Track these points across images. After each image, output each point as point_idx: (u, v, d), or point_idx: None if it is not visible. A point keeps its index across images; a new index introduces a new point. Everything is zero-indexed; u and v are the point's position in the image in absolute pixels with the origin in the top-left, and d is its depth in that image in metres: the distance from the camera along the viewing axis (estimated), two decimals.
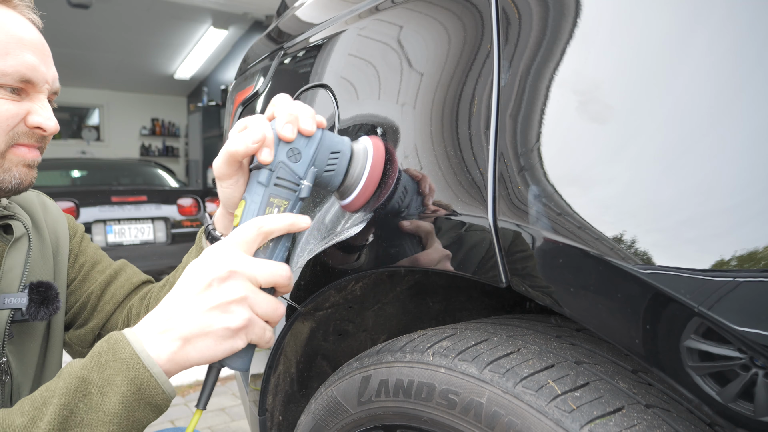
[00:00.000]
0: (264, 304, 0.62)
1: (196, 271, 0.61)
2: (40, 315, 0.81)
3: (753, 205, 0.40)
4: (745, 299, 0.40)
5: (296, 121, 0.65)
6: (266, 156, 0.63)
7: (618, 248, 0.47)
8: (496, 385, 0.56)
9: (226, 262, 0.60)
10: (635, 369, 0.59)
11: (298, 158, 0.64)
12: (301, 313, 0.88)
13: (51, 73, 0.81)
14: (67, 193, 4.52)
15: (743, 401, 0.41)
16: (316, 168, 0.66)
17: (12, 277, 0.83)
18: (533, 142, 0.55)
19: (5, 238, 0.85)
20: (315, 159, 0.65)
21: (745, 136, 0.42)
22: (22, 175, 0.78)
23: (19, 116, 0.76)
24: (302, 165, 0.65)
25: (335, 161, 0.67)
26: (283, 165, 0.64)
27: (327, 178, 0.68)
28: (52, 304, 0.82)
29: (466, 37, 0.66)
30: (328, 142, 0.67)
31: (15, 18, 0.77)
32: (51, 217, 0.97)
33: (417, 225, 0.67)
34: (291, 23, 1.13)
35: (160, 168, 6.08)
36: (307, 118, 0.65)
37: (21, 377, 0.83)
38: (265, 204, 0.64)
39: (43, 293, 0.82)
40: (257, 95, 1.15)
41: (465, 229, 0.61)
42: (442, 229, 0.64)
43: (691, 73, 0.46)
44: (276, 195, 0.64)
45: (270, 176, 0.64)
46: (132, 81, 10.45)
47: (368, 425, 0.72)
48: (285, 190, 0.64)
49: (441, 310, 0.98)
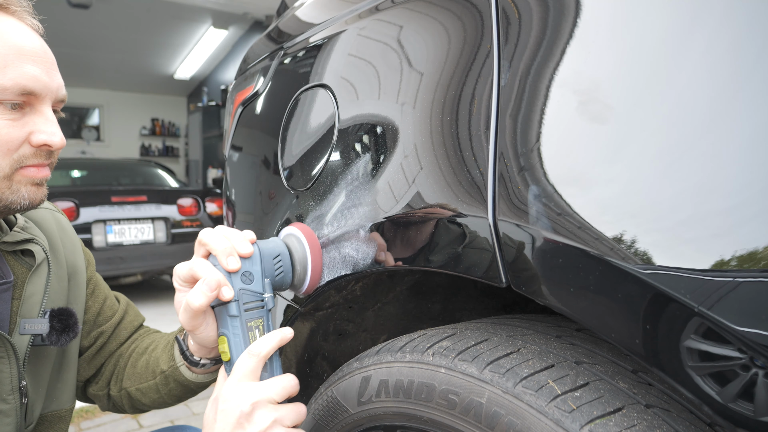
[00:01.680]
0: (291, 416, 0.66)
1: (222, 415, 0.64)
2: (61, 341, 0.82)
3: (752, 205, 0.40)
4: (745, 299, 0.40)
5: (233, 249, 0.69)
6: (227, 293, 0.67)
7: (618, 248, 0.47)
8: (496, 385, 0.56)
9: (245, 397, 0.64)
10: (635, 369, 0.59)
11: (252, 279, 0.70)
12: (301, 313, 0.88)
13: (55, 81, 0.77)
14: (67, 193, 4.51)
15: (743, 401, 0.41)
16: (269, 277, 0.72)
17: (33, 303, 0.83)
18: (533, 142, 0.55)
19: (26, 262, 0.85)
20: (264, 271, 0.72)
21: (744, 136, 0.42)
22: (32, 195, 0.76)
23: (20, 139, 0.73)
24: (258, 282, 0.71)
25: (280, 263, 0.74)
26: (244, 291, 0.69)
27: (280, 280, 0.74)
28: (72, 330, 0.84)
29: (466, 37, 0.66)
30: (266, 251, 0.73)
31: (14, 25, 0.73)
32: (68, 240, 0.96)
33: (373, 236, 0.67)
34: (291, 23, 1.13)
35: (160, 168, 6.07)
36: (240, 242, 0.71)
37: (34, 396, 0.85)
38: (246, 330, 0.69)
39: (64, 321, 0.83)
40: (257, 95, 1.15)
41: (465, 229, 0.61)
42: (442, 230, 0.64)
43: (691, 73, 0.46)
44: (250, 318, 0.69)
45: (238, 306, 0.69)
46: (132, 81, 10.45)
47: (368, 425, 0.72)
48: (255, 311, 0.70)
49: (441, 310, 0.98)
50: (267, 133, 1.07)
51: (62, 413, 0.92)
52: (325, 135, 0.86)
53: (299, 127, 0.95)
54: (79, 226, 4.34)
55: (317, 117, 0.90)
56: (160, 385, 0.91)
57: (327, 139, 0.86)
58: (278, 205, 0.99)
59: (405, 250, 0.69)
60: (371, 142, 0.77)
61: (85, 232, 4.36)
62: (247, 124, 1.20)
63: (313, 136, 0.90)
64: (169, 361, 0.89)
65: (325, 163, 0.85)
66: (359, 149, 0.79)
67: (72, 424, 2.57)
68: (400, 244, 0.70)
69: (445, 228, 0.64)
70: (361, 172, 0.77)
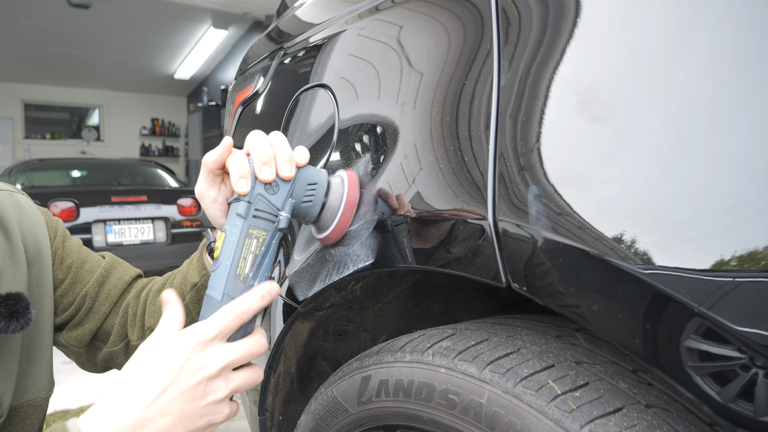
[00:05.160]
0: (244, 385, 0.65)
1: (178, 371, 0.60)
2: (11, 328, 0.77)
3: (752, 205, 0.40)
4: (745, 299, 0.40)
5: (273, 161, 0.66)
6: (242, 187, 0.64)
7: (618, 248, 0.47)
8: (496, 385, 0.56)
9: (215, 361, 0.62)
10: (635, 369, 0.59)
11: (276, 190, 0.66)
12: (301, 313, 0.88)
13: None
14: (67, 193, 4.51)
15: (743, 401, 0.41)
16: (294, 199, 0.67)
17: None
18: (533, 142, 0.55)
19: None
20: (293, 191, 0.67)
21: (743, 136, 0.42)
22: None
23: None
24: (280, 197, 0.66)
25: (312, 192, 0.69)
26: (261, 197, 0.65)
27: (305, 209, 0.69)
28: (23, 316, 0.77)
29: (466, 37, 0.66)
30: (306, 173, 0.69)
31: None
32: (28, 220, 0.90)
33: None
34: (291, 23, 1.13)
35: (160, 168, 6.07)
36: (283, 159, 0.67)
37: (2, 388, 0.80)
38: (245, 236, 0.65)
39: (11, 306, 0.77)
40: (257, 95, 1.15)
41: (465, 229, 0.61)
42: (442, 230, 0.64)
43: (690, 73, 0.46)
44: (255, 226, 0.65)
45: (248, 208, 0.65)
46: (132, 81, 10.46)
47: (368, 425, 0.72)
48: (263, 221, 0.66)
49: (441, 310, 0.98)
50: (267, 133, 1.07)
51: (38, 402, 0.87)
52: (325, 135, 0.86)
53: (299, 127, 0.95)
54: (79, 226, 4.34)
55: (317, 117, 0.90)
56: (191, 305, 0.87)
57: (327, 139, 0.86)
58: None
59: (405, 250, 0.69)
60: (371, 142, 0.77)
61: (85, 232, 4.36)
62: (247, 124, 1.20)
63: (313, 136, 0.90)
64: (201, 270, 0.86)
65: (325, 163, 0.85)
66: (359, 149, 0.79)
67: None
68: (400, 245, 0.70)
69: (445, 228, 0.64)
70: (361, 171, 0.77)
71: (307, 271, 0.84)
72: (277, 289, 0.66)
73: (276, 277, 0.93)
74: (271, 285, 0.66)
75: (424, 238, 0.67)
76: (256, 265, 0.66)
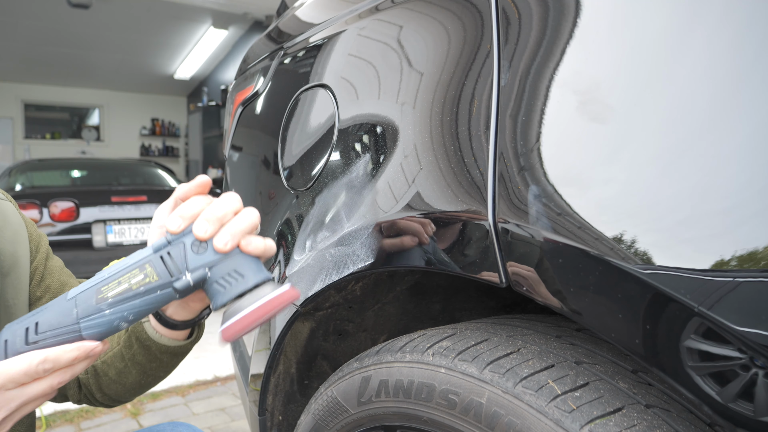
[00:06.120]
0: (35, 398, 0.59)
1: None
2: None
3: (752, 205, 0.40)
4: (745, 299, 0.40)
5: (216, 225, 0.59)
6: (173, 224, 0.59)
7: (618, 248, 0.47)
8: (496, 385, 0.56)
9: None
10: (635, 369, 0.59)
11: (199, 251, 0.58)
12: (301, 313, 0.88)
13: None
14: (67, 193, 4.51)
15: (743, 401, 0.41)
16: (211, 273, 0.58)
17: None
18: (533, 142, 0.55)
19: None
20: (216, 265, 0.58)
21: (743, 136, 0.42)
22: None
23: None
24: (198, 259, 0.58)
25: (231, 281, 0.59)
26: (182, 246, 0.58)
27: (213, 291, 0.59)
28: None
29: (466, 37, 0.66)
30: (241, 261, 0.59)
31: None
32: (9, 229, 0.86)
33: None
34: (291, 23, 1.13)
35: (160, 168, 6.07)
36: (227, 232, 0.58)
37: None
38: (137, 265, 0.58)
39: None
40: (257, 95, 1.15)
41: (465, 229, 0.61)
42: (441, 230, 0.64)
43: (690, 73, 0.46)
44: (153, 265, 0.58)
45: (162, 245, 0.59)
46: (132, 81, 10.45)
47: (368, 425, 0.72)
48: (164, 268, 0.58)
49: (441, 310, 0.98)
50: (267, 133, 1.07)
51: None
52: (325, 135, 0.86)
53: (299, 127, 0.95)
54: (79, 226, 4.34)
55: (317, 117, 0.90)
56: (124, 349, 0.81)
57: (327, 139, 0.86)
58: (278, 205, 0.99)
59: (405, 250, 0.69)
60: (371, 142, 0.77)
61: (85, 232, 4.35)
62: (247, 124, 1.20)
63: (313, 136, 0.90)
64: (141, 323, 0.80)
65: (325, 163, 0.85)
66: (359, 149, 0.79)
67: (72, 424, 2.57)
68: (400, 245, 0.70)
69: (444, 228, 0.64)
70: (361, 172, 0.77)
71: (306, 271, 0.84)
72: (98, 353, 0.60)
73: (276, 278, 0.93)
74: (94, 347, 0.59)
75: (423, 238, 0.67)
76: (121, 297, 0.58)
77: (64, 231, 4.27)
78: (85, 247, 4.29)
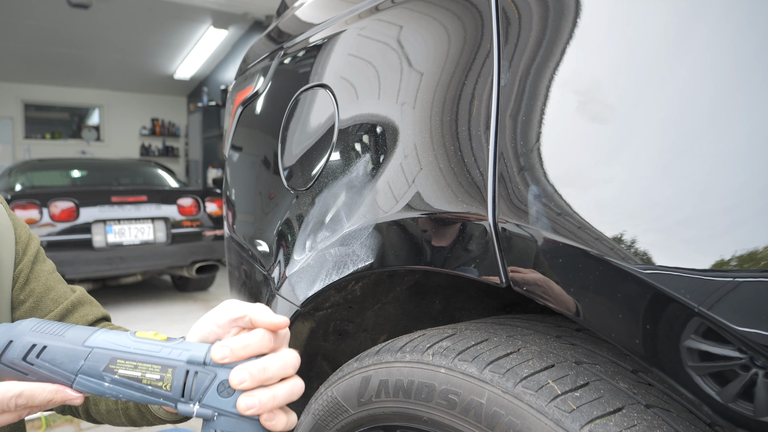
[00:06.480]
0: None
1: None
2: None
3: (752, 205, 0.40)
4: (745, 299, 0.40)
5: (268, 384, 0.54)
6: (218, 353, 0.54)
7: (617, 248, 0.47)
8: (496, 385, 0.56)
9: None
10: (635, 369, 0.59)
11: (225, 395, 0.54)
12: (301, 313, 0.88)
13: None
14: (67, 193, 4.51)
15: (743, 401, 0.41)
16: (216, 420, 0.55)
17: None
18: (533, 142, 0.55)
19: None
20: (225, 415, 0.55)
21: (743, 136, 0.42)
22: None
23: None
24: (215, 401, 0.54)
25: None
26: (212, 376, 0.54)
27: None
28: None
29: (466, 37, 0.66)
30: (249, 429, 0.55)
31: None
32: None
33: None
34: (291, 23, 1.13)
35: (160, 168, 6.07)
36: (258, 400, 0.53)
37: None
38: (162, 362, 0.55)
39: None
40: (257, 95, 1.15)
41: (465, 229, 0.61)
42: (441, 230, 0.64)
43: (690, 72, 0.46)
44: (176, 375, 0.55)
45: (191, 362, 0.55)
46: (132, 81, 10.45)
47: (368, 425, 0.72)
48: (182, 387, 0.55)
49: (441, 310, 0.98)
50: (267, 133, 1.07)
51: None
52: (325, 135, 0.86)
53: (299, 127, 0.95)
54: (79, 226, 4.34)
55: (317, 117, 0.90)
56: (120, 402, 0.81)
57: (327, 139, 0.86)
58: (278, 205, 0.99)
59: (405, 250, 0.69)
60: (371, 142, 0.77)
61: (85, 232, 4.36)
62: (247, 124, 1.20)
63: (313, 136, 0.90)
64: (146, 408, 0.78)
65: (325, 163, 0.85)
66: (359, 149, 0.79)
67: (72, 424, 2.57)
68: (400, 245, 0.70)
69: (444, 228, 0.64)
70: (361, 172, 0.77)
71: (306, 271, 0.84)
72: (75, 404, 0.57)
73: (276, 277, 0.93)
74: (74, 398, 0.57)
75: (423, 238, 0.67)
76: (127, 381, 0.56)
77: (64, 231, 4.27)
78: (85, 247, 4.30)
